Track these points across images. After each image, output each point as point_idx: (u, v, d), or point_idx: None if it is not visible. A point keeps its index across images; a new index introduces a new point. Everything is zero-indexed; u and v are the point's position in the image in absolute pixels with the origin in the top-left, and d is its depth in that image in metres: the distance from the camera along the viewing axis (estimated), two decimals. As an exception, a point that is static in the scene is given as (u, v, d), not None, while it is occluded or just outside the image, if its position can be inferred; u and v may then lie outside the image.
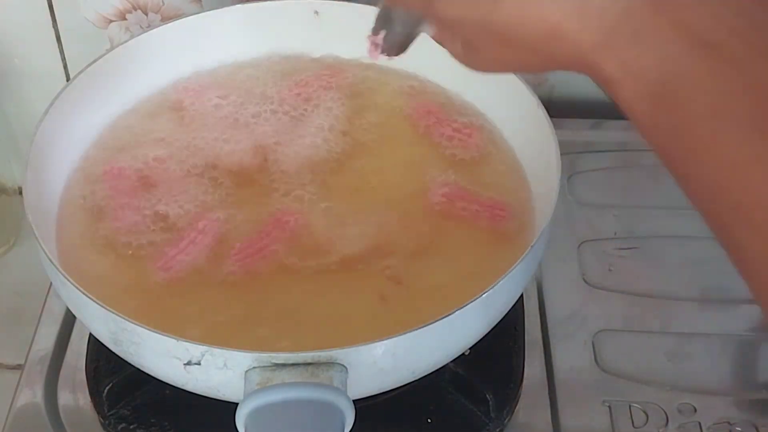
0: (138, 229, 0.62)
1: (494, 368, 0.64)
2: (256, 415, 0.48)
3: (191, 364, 0.50)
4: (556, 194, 0.58)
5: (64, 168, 0.65)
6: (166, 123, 0.69)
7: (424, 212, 0.63)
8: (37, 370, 0.66)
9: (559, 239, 0.74)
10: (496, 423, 0.62)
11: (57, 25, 0.84)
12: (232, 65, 0.73)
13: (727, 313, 0.70)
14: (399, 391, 0.57)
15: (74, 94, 0.65)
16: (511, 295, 0.57)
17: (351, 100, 0.71)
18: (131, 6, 0.83)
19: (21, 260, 0.89)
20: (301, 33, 0.73)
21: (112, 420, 0.62)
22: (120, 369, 0.62)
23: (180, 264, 0.60)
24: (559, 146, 0.60)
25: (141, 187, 0.64)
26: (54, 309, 0.70)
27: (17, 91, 0.88)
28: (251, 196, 0.64)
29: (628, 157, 0.83)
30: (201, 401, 0.54)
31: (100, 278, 0.59)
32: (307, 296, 0.58)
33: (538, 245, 0.56)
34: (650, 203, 0.78)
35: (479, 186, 0.65)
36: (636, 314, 0.70)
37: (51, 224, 0.61)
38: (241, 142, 0.67)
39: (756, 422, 0.63)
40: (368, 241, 0.61)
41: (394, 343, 0.51)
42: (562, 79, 0.87)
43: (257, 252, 0.60)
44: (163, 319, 0.55)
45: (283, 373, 0.49)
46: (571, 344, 0.68)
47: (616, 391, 0.65)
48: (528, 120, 0.64)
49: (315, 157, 0.66)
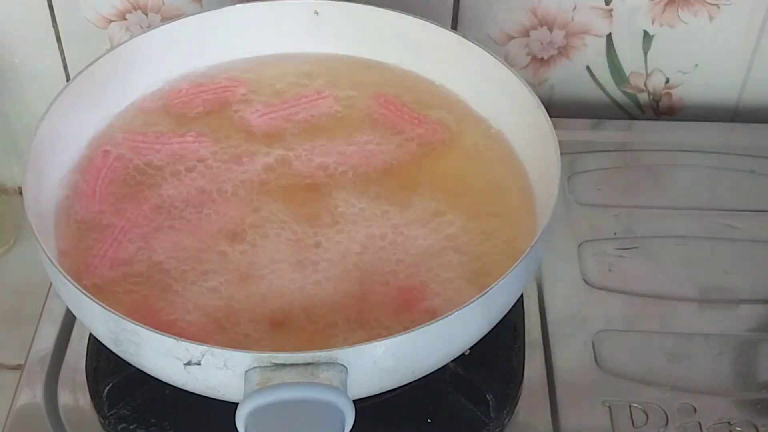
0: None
1: (494, 368, 0.64)
2: (256, 415, 0.48)
3: (191, 364, 0.50)
4: (556, 194, 0.58)
5: (63, 168, 0.65)
6: (166, 123, 0.69)
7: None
8: (37, 370, 0.66)
9: (559, 239, 0.74)
10: (496, 423, 0.62)
11: (57, 25, 0.84)
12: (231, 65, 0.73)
13: (727, 313, 0.70)
14: (399, 391, 0.57)
15: (74, 94, 0.65)
16: (511, 295, 0.57)
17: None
18: (131, 6, 0.83)
19: (21, 260, 0.89)
20: (301, 33, 0.73)
21: (112, 420, 0.62)
22: (120, 369, 0.62)
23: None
24: (559, 146, 0.60)
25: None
26: (54, 309, 0.70)
27: (17, 91, 0.88)
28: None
29: (628, 157, 0.83)
30: (201, 401, 0.54)
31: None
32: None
33: (538, 245, 0.56)
34: (650, 203, 0.78)
35: (483, 182, 0.65)
36: (636, 314, 0.70)
37: (51, 224, 0.61)
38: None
39: (756, 422, 0.63)
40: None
41: (394, 343, 0.51)
42: (562, 79, 0.87)
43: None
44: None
45: (283, 373, 0.49)
46: (571, 344, 0.68)
47: (616, 391, 0.65)
48: (528, 120, 0.65)
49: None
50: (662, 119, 0.90)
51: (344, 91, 0.71)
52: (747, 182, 0.80)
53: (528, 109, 0.64)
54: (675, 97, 0.89)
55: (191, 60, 0.72)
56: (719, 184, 0.80)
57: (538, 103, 0.63)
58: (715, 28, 0.83)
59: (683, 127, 0.87)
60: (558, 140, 0.60)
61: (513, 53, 0.85)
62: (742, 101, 0.89)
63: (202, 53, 0.72)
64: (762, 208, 0.78)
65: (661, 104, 0.89)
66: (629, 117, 0.90)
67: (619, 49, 0.85)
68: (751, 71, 0.86)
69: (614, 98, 0.89)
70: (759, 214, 0.77)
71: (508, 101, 0.67)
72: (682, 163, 0.81)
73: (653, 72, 0.87)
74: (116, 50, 0.68)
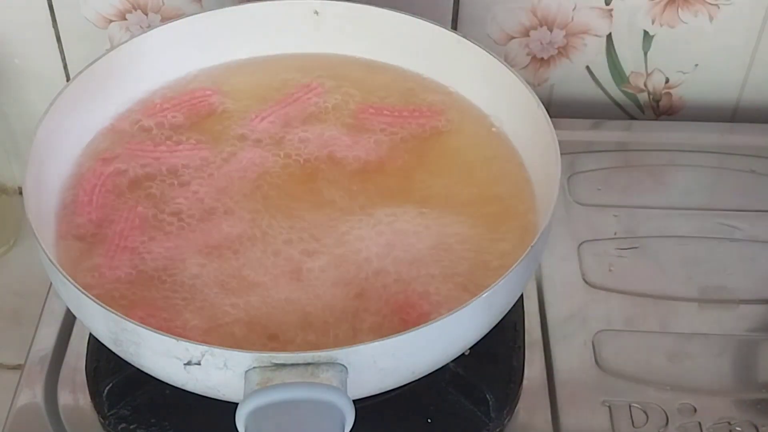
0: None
1: (494, 368, 0.64)
2: (256, 415, 0.48)
3: (191, 364, 0.50)
4: (556, 194, 0.58)
5: (63, 168, 0.65)
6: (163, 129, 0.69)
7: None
8: (37, 370, 0.66)
9: (559, 239, 0.74)
10: (496, 423, 0.62)
11: (57, 25, 0.84)
12: (231, 65, 0.73)
13: (727, 313, 0.70)
14: (399, 391, 0.57)
15: (74, 94, 0.65)
16: (511, 295, 0.57)
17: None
18: (131, 6, 0.83)
19: (21, 260, 0.89)
20: (301, 33, 0.73)
21: (112, 420, 0.62)
22: (120, 369, 0.62)
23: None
24: (559, 146, 0.60)
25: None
26: (54, 309, 0.70)
27: (17, 91, 0.88)
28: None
29: (628, 157, 0.83)
30: (201, 401, 0.54)
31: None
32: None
33: (538, 245, 0.56)
34: (650, 203, 0.78)
35: (482, 182, 0.65)
36: (636, 314, 0.70)
37: (51, 224, 0.61)
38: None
39: (756, 422, 0.63)
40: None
41: (394, 343, 0.51)
42: (562, 79, 0.87)
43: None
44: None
45: (283, 373, 0.49)
46: (571, 344, 0.68)
47: (616, 391, 0.65)
48: (528, 120, 0.65)
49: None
50: (662, 119, 0.90)
51: (341, 90, 0.71)
52: (747, 182, 0.80)
53: (528, 109, 0.64)
54: (675, 97, 0.89)
55: (191, 60, 0.72)
56: (719, 184, 0.80)
57: (538, 103, 0.63)
58: (715, 28, 0.83)
59: (683, 127, 0.87)
60: (558, 140, 0.60)
61: (513, 53, 0.85)
62: (742, 101, 0.89)
63: (201, 53, 0.72)
64: (762, 208, 0.78)
65: (661, 104, 0.89)
66: (629, 117, 0.90)
67: (619, 49, 0.85)
68: (751, 71, 0.86)
69: (614, 98, 0.89)
70: (759, 214, 0.77)
71: (508, 101, 0.67)
72: (682, 163, 0.81)
73: (653, 72, 0.87)
74: (116, 50, 0.68)
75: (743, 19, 0.83)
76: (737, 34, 0.84)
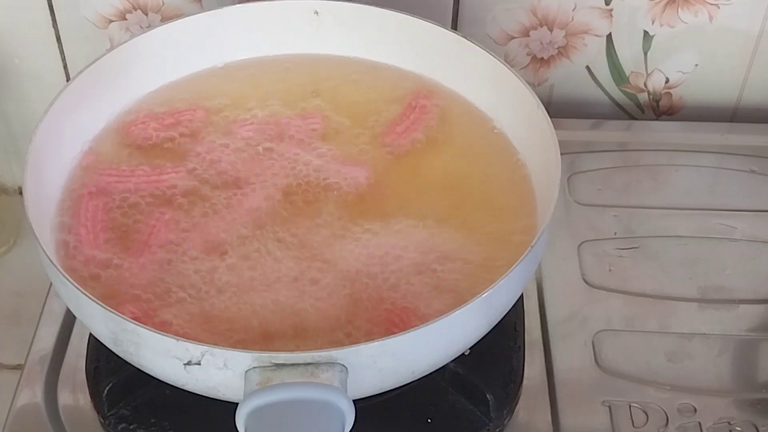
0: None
1: (494, 368, 0.64)
2: (256, 415, 0.48)
3: (191, 364, 0.50)
4: (556, 194, 0.58)
5: (63, 168, 0.65)
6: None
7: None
8: (37, 370, 0.66)
9: (559, 239, 0.74)
10: (496, 423, 0.62)
11: (57, 25, 0.84)
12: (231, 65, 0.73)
13: (727, 313, 0.70)
14: (399, 391, 0.57)
15: (74, 94, 0.65)
16: (511, 295, 0.57)
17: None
18: (131, 6, 0.83)
19: (21, 260, 0.89)
20: (301, 33, 0.73)
21: (112, 420, 0.62)
22: (120, 369, 0.62)
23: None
24: (559, 146, 0.60)
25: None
26: (54, 309, 0.70)
27: (17, 91, 0.88)
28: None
29: (628, 157, 0.83)
30: (201, 401, 0.54)
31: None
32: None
33: (538, 245, 0.56)
34: (650, 203, 0.78)
35: (482, 182, 0.65)
36: (636, 314, 0.70)
37: (51, 225, 0.61)
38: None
39: (756, 422, 0.63)
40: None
41: (394, 343, 0.51)
42: (562, 79, 0.87)
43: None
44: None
45: (283, 373, 0.49)
46: (571, 344, 0.68)
47: (616, 391, 0.65)
48: (528, 120, 0.65)
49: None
50: (662, 119, 0.90)
51: (339, 107, 0.70)
52: (747, 182, 0.80)
53: (528, 109, 0.64)
54: (675, 97, 0.89)
55: (191, 60, 0.72)
56: (719, 184, 0.80)
57: (538, 103, 0.63)
58: (715, 28, 0.83)
59: (683, 127, 0.87)
60: (558, 140, 0.60)
61: (513, 53, 0.85)
62: (742, 101, 0.89)
63: (201, 53, 0.72)
64: (762, 208, 0.78)
65: (660, 104, 0.89)
66: (629, 117, 0.90)
67: (619, 49, 0.85)
68: (751, 71, 0.86)
69: (614, 98, 0.89)
70: (759, 214, 0.77)
71: (508, 101, 0.67)
72: (682, 163, 0.82)
73: (653, 72, 0.87)
74: (116, 50, 0.68)
75: (743, 20, 0.83)
76: (737, 34, 0.84)
